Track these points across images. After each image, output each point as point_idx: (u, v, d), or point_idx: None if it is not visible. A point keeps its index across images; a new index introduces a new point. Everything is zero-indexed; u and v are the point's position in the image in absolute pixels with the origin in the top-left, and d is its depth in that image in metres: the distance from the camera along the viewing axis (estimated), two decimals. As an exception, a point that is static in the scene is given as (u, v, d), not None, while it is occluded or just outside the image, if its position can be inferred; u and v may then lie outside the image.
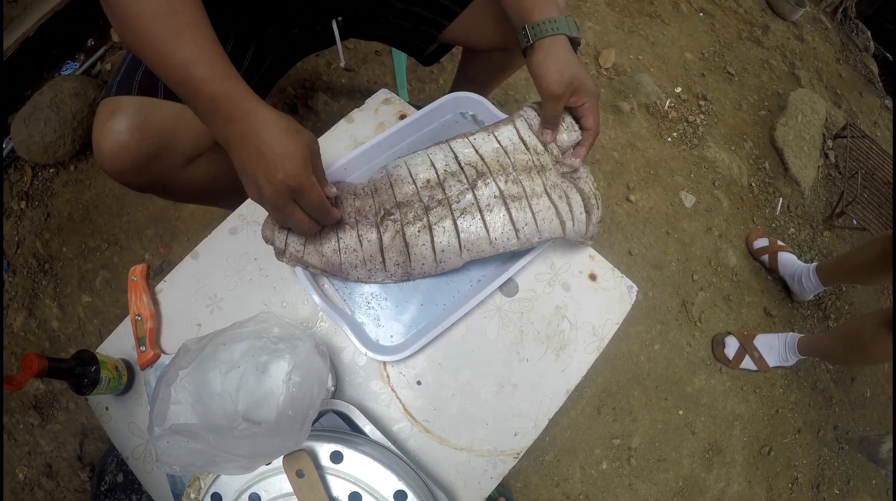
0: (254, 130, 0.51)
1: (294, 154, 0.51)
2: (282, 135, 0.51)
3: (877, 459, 1.50)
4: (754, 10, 2.23)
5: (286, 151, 0.51)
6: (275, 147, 0.51)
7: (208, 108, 0.51)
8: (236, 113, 0.51)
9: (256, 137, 0.51)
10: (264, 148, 0.51)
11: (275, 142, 0.51)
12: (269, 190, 0.52)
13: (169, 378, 0.51)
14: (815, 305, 1.67)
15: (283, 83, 1.48)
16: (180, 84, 0.51)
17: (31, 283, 1.30)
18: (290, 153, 0.51)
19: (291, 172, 0.51)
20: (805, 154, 1.86)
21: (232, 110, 0.51)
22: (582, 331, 0.70)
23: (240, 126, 0.51)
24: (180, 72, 0.51)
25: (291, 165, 0.51)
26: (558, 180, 0.66)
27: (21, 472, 1.16)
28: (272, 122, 0.51)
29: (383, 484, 0.53)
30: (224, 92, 0.51)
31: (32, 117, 1.30)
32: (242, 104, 0.51)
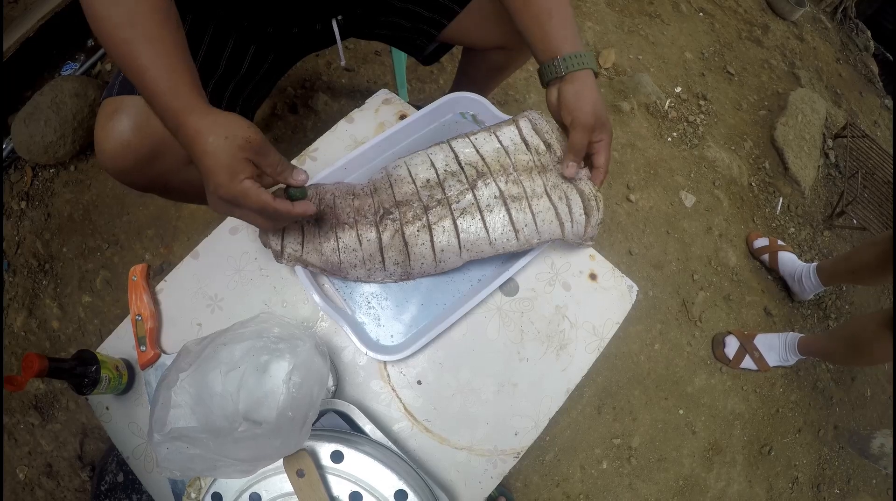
0: (189, 143, 0.53)
1: (219, 164, 0.51)
2: (209, 147, 0.51)
3: (867, 454, 1.50)
4: (754, 10, 2.23)
5: (212, 163, 0.51)
6: (205, 159, 0.52)
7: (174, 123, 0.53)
8: (178, 127, 0.53)
9: (192, 149, 0.53)
10: (198, 161, 0.52)
11: (203, 156, 0.52)
12: (211, 200, 0.54)
13: (169, 382, 0.51)
14: (815, 304, 1.67)
15: (283, 83, 1.48)
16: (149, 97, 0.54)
17: (32, 283, 1.30)
18: (216, 165, 0.51)
19: (221, 183, 0.52)
20: (805, 154, 1.86)
21: (175, 125, 0.53)
22: (582, 331, 0.70)
23: (181, 139, 0.53)
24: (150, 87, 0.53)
25: (220, 177, 0.52)
26: (559, 181, 0.66)
27: (21, 472, 1.16)
28: (202, 133, 0.52)
29: (384, 484, 0.53)
30: (167, 103, 0.53)
31: (33, 118, 1.30)
32: (180, 118, 0.53)
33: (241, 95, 0.79)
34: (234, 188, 0.52)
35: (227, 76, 0.75)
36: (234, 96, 0.78)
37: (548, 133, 0.69)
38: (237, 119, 0.53)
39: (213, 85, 0.74)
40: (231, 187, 0.52)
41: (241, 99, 0.80)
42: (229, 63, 0.74)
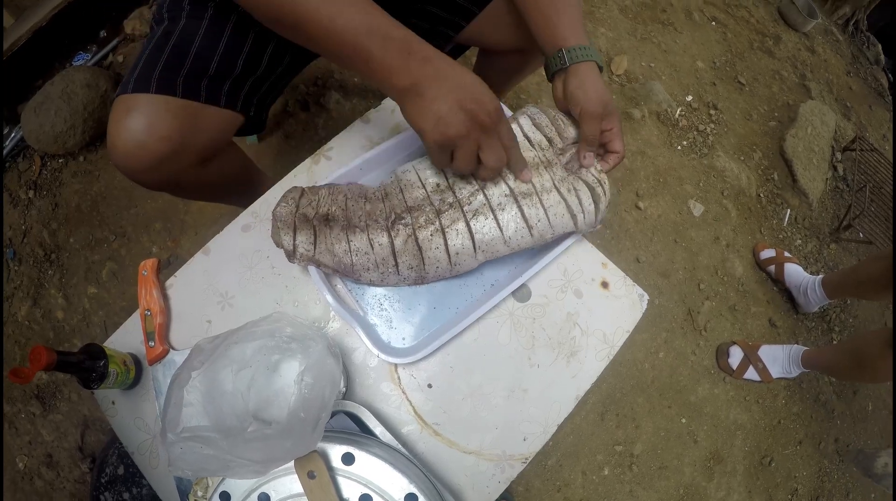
0: (451, 67, 0.53)
1: (490, 96, 0.55)
2: (475, 77, 0.54)
3: (871, 473, 1.50)
4: (766, 21, 2.23)
5: (485, 89, 0.54)
6: (476, 80, 0.54)
7: (401, 50, 0.52)
8: (430, 52, 0.53)
9: (453, 73, 0.53)
10: (466, 79, 0.53)
11: (475, 82, 0.54)
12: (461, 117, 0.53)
13: (181, 380, 0.50)
14: (819, 317, 1.67)
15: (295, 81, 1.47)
16: (361, 35, 0.52)
17: (37, 272, 1.29)
18: (487, 91, 0.54)
19: (490, 102, 0.54)
20: (814, 166, 1.85)
21: (425, 51, 0.53)
22: (593, 338, 0.70)
23: (438, 63, 0.53)
24: (361, 26, 0.52)
25: (490, 98, 0.54)
26: (565, 174, 0.66)
27: (21, 461, 1.15)
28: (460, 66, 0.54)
29: (394, 487, 0.52)
30: (412, 35, 0.54)
31: (43, 107, 1.30)
32: (427, 45, 0.54)
33: (258, 94, 0.79)
34: (501, 114, 0.56)
35: (244, 75, 0.75)
36: (250, 94, 0.78)
37: (548, 127, 0.69)
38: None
39: (229, 84, 0.73)
40: (500, 112, 0.55)
41: (256, 97, 0.79)
42: (247, 62, 0.74)
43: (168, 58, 0.69)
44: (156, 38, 0.72)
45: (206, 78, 0.71)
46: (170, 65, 0.69)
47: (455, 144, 0.55)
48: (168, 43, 0.71)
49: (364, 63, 0.53)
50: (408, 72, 0.53)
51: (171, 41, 0.71)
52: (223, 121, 0.75)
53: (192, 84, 0.69)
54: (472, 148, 0.56)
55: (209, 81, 0.71)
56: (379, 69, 0.53)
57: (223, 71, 0.72)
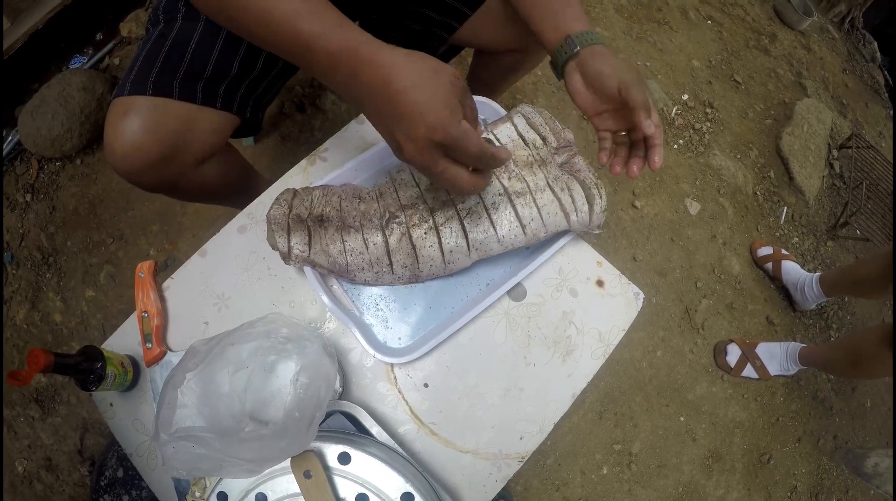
0: (383, 80, 0.45)
1: (434, 101, 0.44)
2: (416, 80, 0.44)
3: (861, 473, 1.50)
4: (762, 19, 2.23)
5: (424, 98, 0.44)
6: (410, 96, 0.44)
7: (325, 64, 0.46)
8: (358, 65, 0.45)
9: (386, 87, 0.44)
10: (398, 99, 0.44)
11: (410, 90, 0.44)
12: (411, 149, 0.46)
13: (176, 382, 0.51)
14: (817, 314, 1.67)
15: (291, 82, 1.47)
16: (288, 44, 0.46)
17: (35, 276, 1.30)
18: (429, 101, 0.44)
19: (435, 124, 0.44)
20: (810, 164, 1.86)
21: (353, 63, 0.45)
22: (588, 337, 0.70)
23: (366, 79, 0.45)
24: (285, 29, 0.46)
25: (434, 117, 0.44)
26: (559, 173, 0.66)
27: (21, 465, 1.15)
28: (402, 66, 0.45)
29: (390, 486, 0.53)
30: (339, 44, 0.45)
31: (40, 111, 1.30)
32: (363, 53, 0.45)
33: (253, 95, 0.79)
34: (456, 129, 0.45)
35: (240, 77, 0.75)
36: (246, 96, 0.78)
37: (542, 126, 0.70)
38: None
39: (225, 86, 0.73)
40: (451, 127, 0.45)
41: (252, 98, 0.80)
42: (243, 64, 0.74)
43: (164, 60, 0.70)
44: (151, 40, 0.72)
45: (203, 80, 0.71)
46: (166, 67, 0.69)
47: (430, 174, 0.49)
48: (164, 45, 0.71)
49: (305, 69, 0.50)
50: (337, 86, 0.48)
51: (167, 43, 0.71)
52: (219, 123, 0.75)
53: (188, 86, 0.70)
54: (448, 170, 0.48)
55: (205, 83, 0.71)
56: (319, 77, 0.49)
57: (219, 73, 0.73)
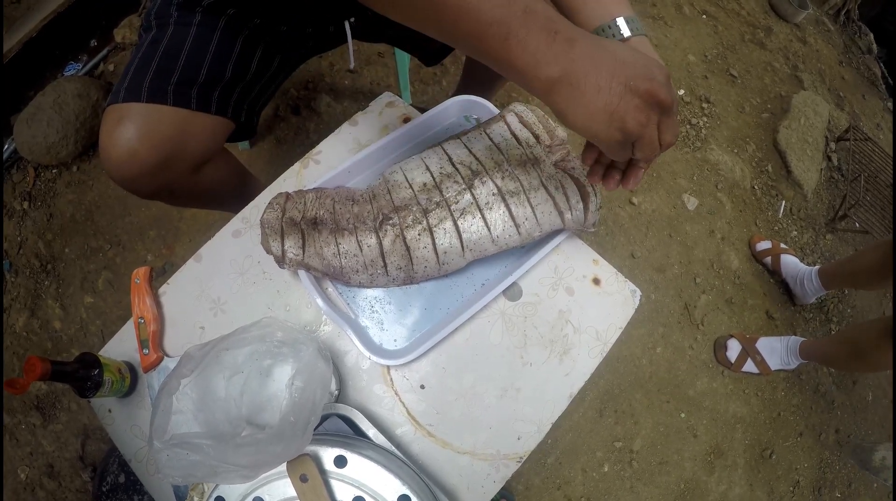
0: (598, 43, 0.43)
1: (656, 63, 0.44)
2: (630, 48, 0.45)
3: (869, 466, 1.50)
4: (757, 13, 2.23)
5: (648, 60, 0.44)
6: (638, 59, 0.43)
7: (546, 30, 0.41)
8: (576, 31, 0.42)
9: (607, 50, 0.43)
10: (622, 54, 0.43)
11: (635, 54, 0.44)
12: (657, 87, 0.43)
13: (170, 388, 0.51)
14: (817, 308, 1.67)
15: (286, 85, 1.48)
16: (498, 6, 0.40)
17: (34, 283, 1.30)
18: (653, 62, 0.44)
19: (666, 77, 0.44)
20: (808, 157, 1.86)
21: (570, 29, 0.42)
22: (585, 335, 0.70)
23: (586, 43, 0.42)
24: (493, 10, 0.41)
25: (662, 75, 0.44)
26: (553, 171, 0.66)
27: (23, 472, 1.16)
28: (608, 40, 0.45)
29: (387, 489, 0.53)
30: (551, 8, 0.43)
31: (35, 118, 1.30)
32: (573, 24, 0.43)
33: (248, 99, 0.79)
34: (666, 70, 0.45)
35: (233, 81, 0.75)
36: (241, 100, 0.78)
37: (535, 124, 0.70)
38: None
39: (219, 90, 0.73)
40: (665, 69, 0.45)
41: (246, 102, 0.80)
42: (236, 67, 0.74)
43: (157, 66, 0.70)
44: (144, 45, 0.72)
45: (197, 85, 0.71)
46: (160, 73, 0.69)
47: (637, 135, 0.45)
48: (157, 51, 0.71)
49: (500, 43, 0.41)
50: (555, 58, 0.41)
51: (160, 49, 0.71)
52: (214, 128, 0.75)
53: (182, 92, 0.70)
54: (655, 134, 0.46)
55: (199, 88, 0.71)
56: (519, 54, 0.41)
57: (213, 77, 0.73)
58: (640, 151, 0.47)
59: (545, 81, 0.42)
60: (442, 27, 0.44)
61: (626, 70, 0.42)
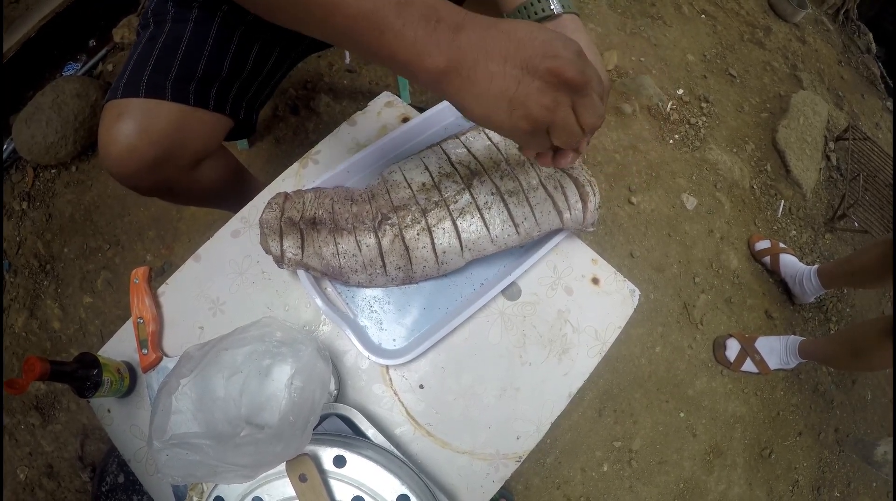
0: (491, 25, 0.39)
1: (562, 38, 0.39)
2: (531, 24, 0.40)
3: (871, 461, 1.50)
4: (756, 12, 2.23)
5: (534, 25, 0.39)
6: (537, 35, 0.39)
7: (424, 20, 0.38)
8: (462, 17, 0.39)
9: (502, 31, 0.39)
10: (520, 32, 0.39)
11: (521, 23, 0.39)
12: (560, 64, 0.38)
13: (170, 388, 0.51)
14: (816, 307, 1.67)
15: (284, 84, 1.48)
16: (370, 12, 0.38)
17: (33, 283, 1.30)
18: (557, 37, 0.39)
19: (573, 53, 0.39)
20: (807, 156, 1.86)
21: (455, 15, 0.39)
22: (584, 335, 0.70)
23: (474, 28, 0.39)
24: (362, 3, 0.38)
25: (567, 51, 0.39)
26: (551, 171, 0.66)
27: (22, 472, 1.16)
28: (495, 18, 0.40)
29: (386, 488, 0.53)
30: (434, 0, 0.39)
31: (34, 118, 1.30)
32: (459, 9, 0.40)
33: (246, 96, 0.79)
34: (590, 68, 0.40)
35: (231, 78, 0.75)
36: (239, 97, 0.78)
37: None
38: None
39: (217, 87, 0.73)
40: (572, 44, 0.39)
41: (245, 99, 0.80)
42: (233, 64, 0.74)
43: (155, 62, 0.70)
44: (142, 42, 0.73)
45: (195, 81, 0.71)
46: (158, 69, 0.69)
47: (546, 121, 0.41)
48: (154, 47, 0.71)
49: (376, 38, 0.39)
50: (438, 47, 0.38)
51: (158, 45, 0.71)
52: (213, 124, 0.76)
53: (180, 87, 0.70)
54: (570, 118, 0.41)
55: (197, 84, 0.71)
56: (399, 47, 0.39)
57: (210, 73, 0.73)
58: (556, 138, 0.42)
59: (433, 72, 0.39)
60: (313, 25, 0.41)
61: (522, 51, 0.38)
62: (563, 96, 0.40)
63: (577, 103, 0.41)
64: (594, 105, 0.42)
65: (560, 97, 0.40)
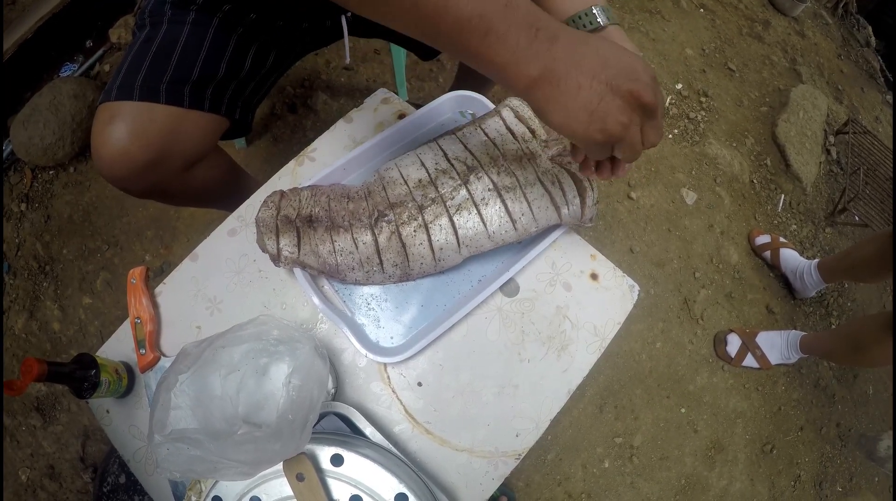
0: (583, 40, 0.42)
1: (641, 63, 0.43)
2: (616, 45, 0.43)
3: (874, 457, 1.50)
4: (755, 6, 2.22)
5: (633, 59, 0.42)
6: (622, 57, 0.42)
7: (526, 26, 0.40)
8: (558, 27, 0.41)
9: (592, 48, 0.41)
10: (606, 52, 0.42)
11: (620, 53, 0.42)
12: (641, 88, 0.42)
13: (169, 383, 0.50)
14: (817, 302, 1.66)
15: (282, 82, 1.48)
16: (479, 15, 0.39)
17: (32, 285, 1.30)
18: (638, 61, 0.43)
19: (651, 78, 0.42)
20: (807, 150, 1.85)
21: (552, 25, 0.41)
22: (583, 331, 0.70)
23: (568, 41, 0.41)
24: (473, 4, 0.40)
25: (647, 75, 0.42)
26: (549, 166, 0.66)
27: (24, 474, 1.16)
28: (592, 36, 0.43)
29: (384, 487, 0.52)
30: (533, 5, 0.42)
31: (31, 119, 1.30)
32: (555, 21, 0.42)
33: (242, 96, 0.79)
34: (660, 94, 0.44)
35: (227, 78, 0.75)
36: (235, 97, 0.77)
37: (531, 119, 0.69)
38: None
39: (213, 88, 0.73)
40: (650, 70, 0.43)
41: (241, 100, 0.79)
42: (230, 65, 0.74)
43: (150, 64, 0.69)
44: (138, 44, 0.72)
45: (190, 83, 0.71)
46: (152, 71, 0.69)
47: (618, 137, 0.44)
48: (150, 49, 0.71)
49: (480, 39, 0.40)
50: (536, 56, 0.40)
51: (153, 47, 0.71)
52: (208, 125, 0.75)
53: (175, 90, 0.69)
54: (637, 136, 0.45)
55: (192, 86, 0.71)
56: (499, 50, 0.40)
57: (206, 75, 0.72)
58: (620, 151, 0.46)
59: (525, 79, 0.41)
60: (421, 23, 0.41)
61: (608, 69, 0.41)
62: (637, 117, 0.43)
63: (646, 124, 0.45)
64: (658, 127, 0.46)
65: (634, 117, 0.43)
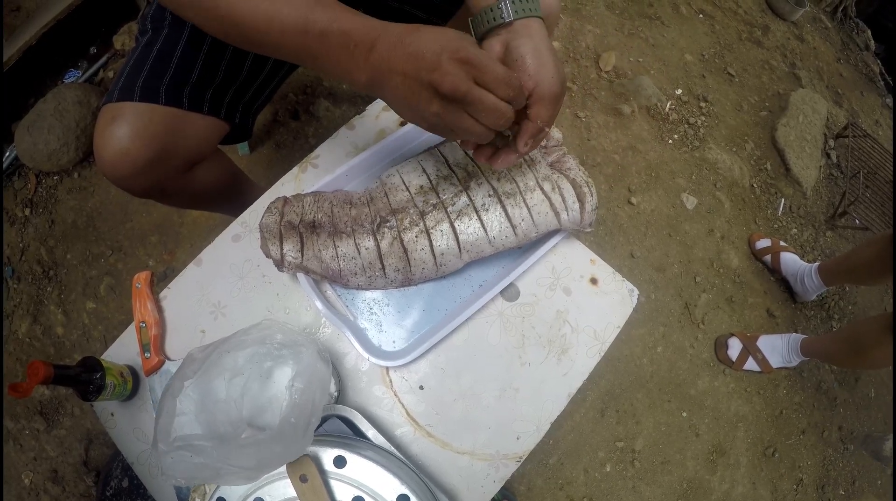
0: (397, 40, 0.45)
1: (447, 32, 0.46)
2: (424, 28, 0.46)
3: (880, 456, 1.50)
4: (754, 11, 2.23)
5: (437, 34, 0.45)
6: (424, 38, 0.45)
7: (342, 46, 0.47)
8: (375, 37, 0.46)
9: (403, 46, 0.45)
10: (414, 46, 0.45)
11: (424, 34, 0.45)
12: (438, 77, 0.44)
13: (174, 390, 0.51)
14: (818, 305, 1.66)
15: (284, 89, 1.49)
16: (298, 35, 0.47)
17: (36, 289, 1.31)
18: (442, 32, 0.45)
19: (453, 46, 0.44)
20: (807, 154, 1.86)
21: (368, 35, 0.46)
22: (583, 335, 0.70)
23: (383, 46, 0.46)
24: (296, 24, 0.47)
25: (448, 40, 0.44)
26: (548, 172, 0.67)
27: (27, 477, 1.16)
28: (411, 27, 0.46)
29: (386, 489, 0.53)
30: (353, 24, 0.47)
31: (36, 125, 1.31)
32: (374, 28, 0.47)
33: (241, 101, 0.80)
34: (474, 49, 0.45)
35: (226, 83, 0.76)
36: (234, 101, 0.79)
37: None
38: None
39: (212, 91, 0.74)
40: (470, 47, 0.44)
41: (241, 104, 0.80)
42: (228, 69, 0.75)
43: (151, 67, 0.71)
44: (139, 48, 0.73)
45: (189, 86, 0.72)
46: (153, 74, 0.70)
47: (440, 125, 0.48)
48: (151, 52, 0.72)
49: (313, 62, 0.50)
50: (357, 67, 0.48)
51: (154, 50, 0.72)
52: (207, 128, 0.76)
53: (174, 92, 0.71)
54: (461, 122, 0.47)
55: (191, 88, 0.72)
56: (331, 68, 0.49)
57: (205, 79, 0.73)
58: (457, 136, 0.50)
59: (361, 86, 0.49)
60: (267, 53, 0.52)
61: (414, 64, 0.45)
62: (449, 104, 0.46)
63: (468, 109, 0.46)
64: (483, 107, 0.46)
65: (447, 105, 0.46)
